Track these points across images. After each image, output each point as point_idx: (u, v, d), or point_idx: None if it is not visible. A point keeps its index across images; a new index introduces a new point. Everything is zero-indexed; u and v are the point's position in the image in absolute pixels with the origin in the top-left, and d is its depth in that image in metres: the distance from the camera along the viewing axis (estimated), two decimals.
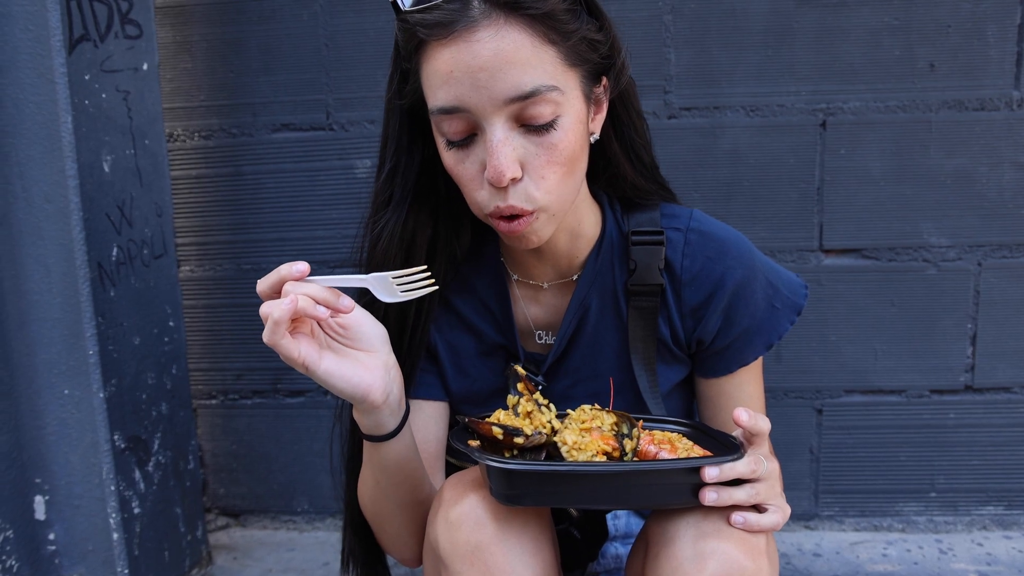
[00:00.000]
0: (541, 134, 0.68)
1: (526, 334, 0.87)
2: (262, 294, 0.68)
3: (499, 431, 0.69)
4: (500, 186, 0.68)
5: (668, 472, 0.66)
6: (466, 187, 0.72)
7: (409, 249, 0.78)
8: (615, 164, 0.82)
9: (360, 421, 0.73)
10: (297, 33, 1.38)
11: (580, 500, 0.69)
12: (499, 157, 0.67)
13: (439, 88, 0.68)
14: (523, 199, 0.70)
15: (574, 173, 0.73)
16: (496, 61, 0.65)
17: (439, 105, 0.68)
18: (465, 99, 0.66)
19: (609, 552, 0.93)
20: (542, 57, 0.66)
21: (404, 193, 0.77)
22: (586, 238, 0.82)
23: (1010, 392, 1.39)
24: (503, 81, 0.65)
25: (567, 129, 0.69)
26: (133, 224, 1.21)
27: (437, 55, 0.67)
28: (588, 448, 0.68)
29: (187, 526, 1.34)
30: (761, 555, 0.67)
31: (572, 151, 0.70)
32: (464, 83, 0.66)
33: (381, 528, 0.83)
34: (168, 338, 1.29)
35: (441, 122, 0.70)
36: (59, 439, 1.14)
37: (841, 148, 1.35)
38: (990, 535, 1.41)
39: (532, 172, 0.69)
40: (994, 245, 1.36)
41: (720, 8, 1.32)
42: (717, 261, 0.80)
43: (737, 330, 0.82)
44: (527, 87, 0.66)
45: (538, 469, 0.65)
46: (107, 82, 1.15)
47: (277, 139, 1.42)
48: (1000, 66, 1.31)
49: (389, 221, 0.77)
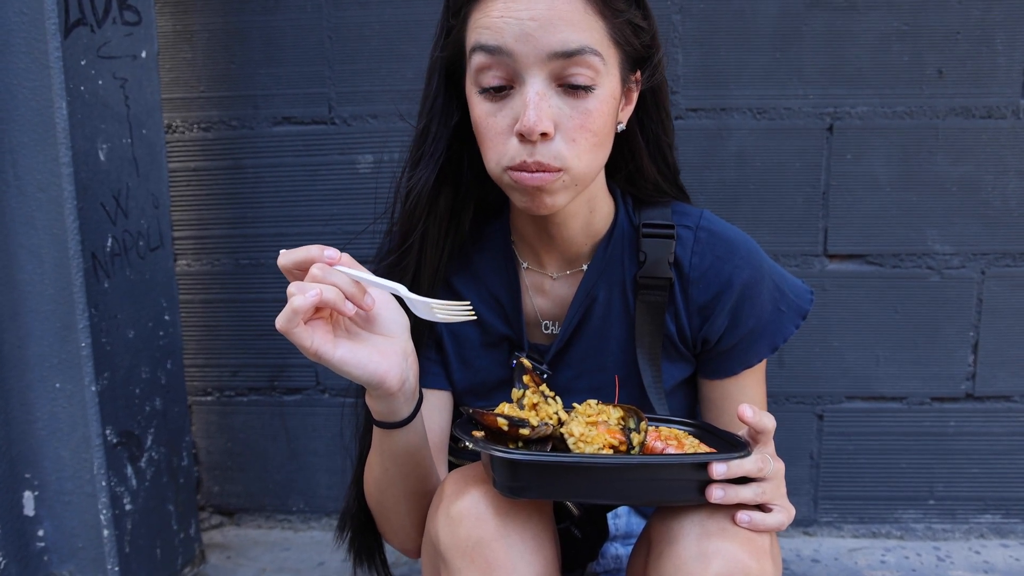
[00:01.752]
0: (578, 96, 0.69)
1: (532, 324, 0.86)
2: (283, 267, 0.67)
3: (504, 422, 0.68)
4: (531, 138, 0.68)
5: (675, 467, 0.65)
6: (492, 140, 0.71)
7: (431, 211, 0.79)
8: (637, 159, 0.82)
9: (373, 407, 0.72)
10: (301, 25, 1.36)
11: (585, 493, 0.68)
12: (535, 109, 0.67)
13: (486, 29, 0.69)
14: (551, 156, 0.69)
15: (601, 147, 0.73)
16: (548, 15, 0.67)
17: (483, 42, 0.69)
18: (511, 44, 0.67)
19: (609, 552, 0.93)
20: (591, 24, 0.68)
21: (436, 152, 0.77)
22: (598, 227, 0.82)
23: (1010, 401, 1.39)
24: (551, 35, 0.67)
25: (602, 100, 0.70)
26: (129, 215, 1.19)
27: (490, 4, 0.69)
28: (595, 441, 0.67)
29: (180, 524, 1.31)
30: (765, 556, 0.66)
31: (603, 123, 0.71)
32: (513, 29, 0.67)
33: (384, 516, 0.82)
34: (163, 332, 1.27)
35: (480, 69, 0.70)
36: (50, 433, 1.12)
37: (847, 153, 1.34)
38: (987, 543, 1.41)
39: (564, 133, 0.70)
40: (998, 254, 1.36)
41: (729, 9, 1.31)
42: (726, 261, 0.80)
43: (743, 331, 0.82)
44: (573, 45, 0.67)
45: (544, 460, 0.64)
46: (104, 68, 1.12)
47: (278, 132, 1.39)
48: (1008, 74, 1.31)
49: (420, 178, 0.77)
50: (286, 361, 1.46)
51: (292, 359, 1.46)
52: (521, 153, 0.69)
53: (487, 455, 0.65)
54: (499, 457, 0.63)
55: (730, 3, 1.31)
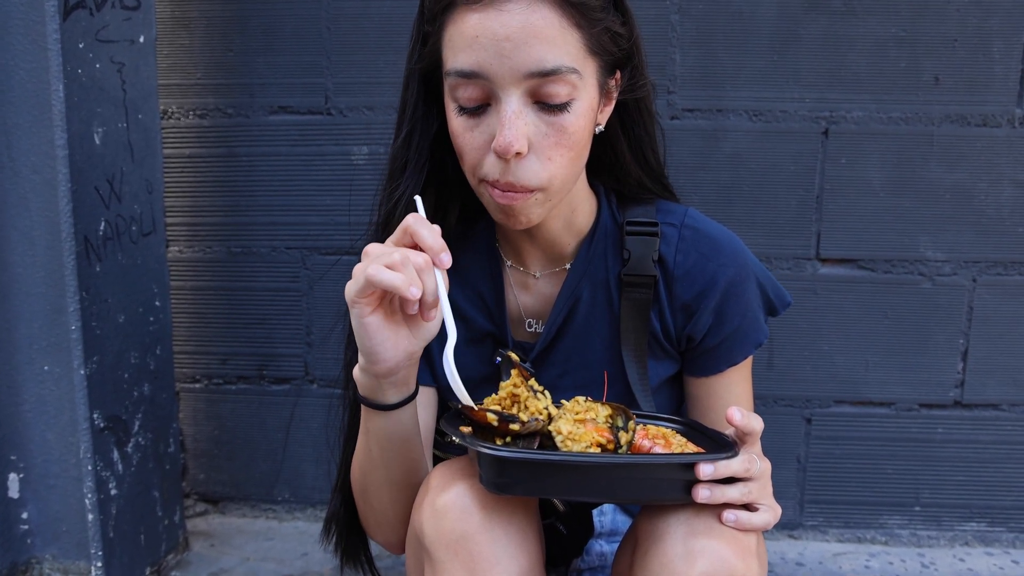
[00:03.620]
0: (554, 114, 0.69)
1: (516, 322, 0.86)
2: (411, 227, 0.67)
3: (493, 417, 0.68)
4: (506, 157, 0.68)
5: (662, 467, 0.65)
6: (469, 155, 0.72)
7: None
8: (620, 160, 0.82)
9: (359, 379, 0.72)
10: (299, 14, 1.36)
11: (572, 491, 0.68)
12: (511, 128, 0.67)
13: (461, 51, 0.68)
14: (526, 177, 0.70)
15: (578, 160, 0.73)
16: (523, 33, 0.65)
17: (458, 67, 0.68)
18: (486, 66, 0.67)
19: (594, 549, 0.93)
20: (567, 39, 0.67)
21: (420, 160, 0.77)
22: (579, 227, 0.82)
23: (998, 409, 1.39)
24: (527, 54, 0.66)
25: (579, 114, 0.70)
26: (122, 199, 1.19)
27: (464, 18, 0.67)
28: (583, 439, 0.67)
29: (165, 510, 1.31)
30: (751, 555, 0.66)
31: (580, 137, 0.71)
32: (488, 50, 0.66)
33: (368, 504, 0.81)
34: (153, 318, 1.27)
35: (456, 87, 0.70)
36: (36, 416, 1.12)
37: (842, 157, 1.35)
38: (972, 551, 1.41)
39: (539, 152, 0.70)
40: (989, 262, 1.36)
41: (727, 10, 1.32)
42: (710, 258, 0.80)
43: (728, 329, 0.82)
44: (549, 64, 0.66)
45: (531, 458, 0.64)
46: (102, 52, 1.13)
47: (274, 121, 1.39)
48: (1004, 83, 1.31)
49: (408, 189, 0.77)
50: (275, 351, 1.46)
51: (282, 349, 1.46)
52: (495, 171, 0.70)
53: (474, 451, 0.65)
54: (486, 453, 0.63)
55: (729, 5, 1.32)
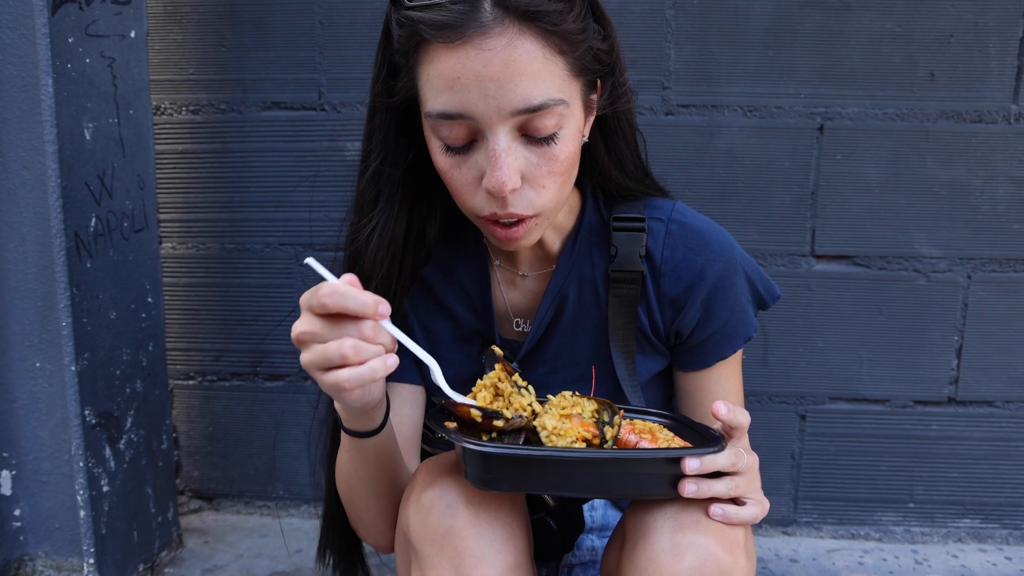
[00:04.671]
0: (543, 146, 0.68)
1: (504, 320, 0.86)
2: (326, 303, 0.59)
3: (477, 413, 0.68)
4: (500, 196, 0.68)
5: (648, 462, 0.65)
6: (460, 192, 0.71)
7: (392, 249, 0.77)
8: (600, 165, 0.82)
9: (344, 415, 0.72)
10: (292, 9, 1.35)
11: (557, 487, 0.68)
12: (502, 168, 0.66)
13: (442, 93, 0.66)
14: (523, 206, 0.69)
15: (570, 180, 0.73)
16: (507, 72, 0.63)
17: (441, 110, 0.66)
18: (471, 107, 0.65)
19: (585, 544, 0.92)
20: (552, 69, 0.65)
21: (392, 191, 0.75)
22: (562, 225, 0.83)
23: (993, 406, 1.39)
24: (512, 92, 0.64)
25: (568, 140, 0.69)
26: (114, 195, 1.18)
27: (442, 58, 0.65)
28: (568, 434, 0.66)
29: (158, 507, 1.31)
30: (739, 549, 0.66)
31: (570, 160, 0.71)
32: (472, 91, 0.64)
33: (356, 515, 0.82)
34: (146, 314, 1.26)
35: (440, 127, 0.68)
36: (28, 413, 1.11)
37: (837, 153, 1.34)
38: (965, 547, 1.41)
39: (533, 182, 0.69)
40: (984, 259, 1.36)
41: (723, 6, 1.31)
42: (698, 253, 0.79)
43: (717, 323, 0.81)
44: (536, 100, 0.65)
45: (516, 453, 0.63)
46: (92, 47, 1.12)
47: (267, 117, 1.39)
48: (1000, 79, 1.31)
49: (379, 224, 0.75)
50: (269, 347, 1.45)
51: (275, 345, 1.45)
52: (491, 206, 0.69)
53: (459, 447, 0.65)
54: (471, 449, 0.63)
55: (724, 0, 1.31)
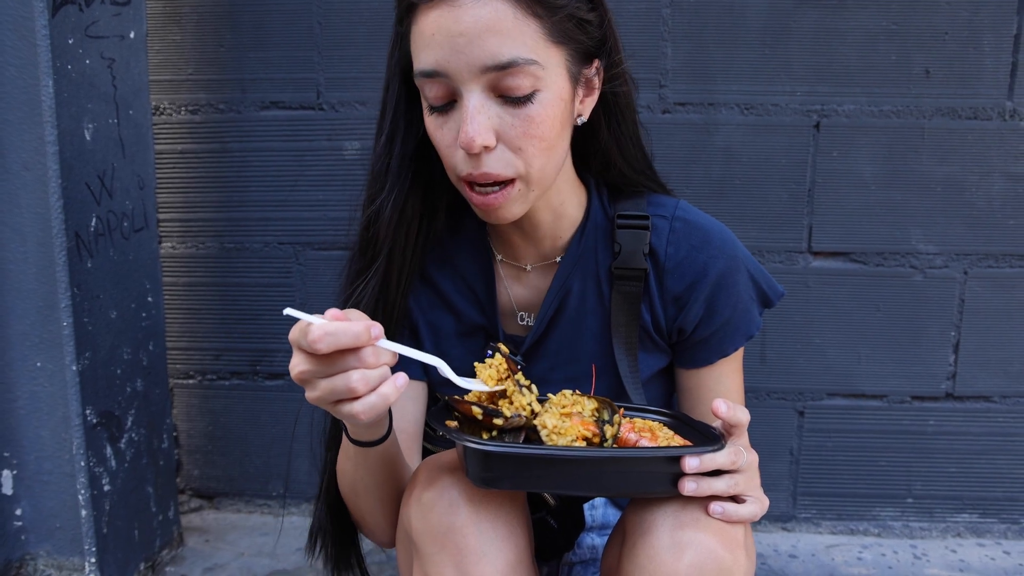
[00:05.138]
0: (518, 106, 0.69)
1: (507, 315, 0.86)
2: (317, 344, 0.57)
3: (478, 411, 0.68)
4: (472, 152, 0.68)
5: (648, 460, 0.65)
6: (443, 152, 0.72)
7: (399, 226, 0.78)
8: (604, 152, 0.82)
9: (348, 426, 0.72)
10: (291, 10, 1.36)
11: (557, 485, 0.68)
12: (472, 124, 0.67)
13: (422, 51, 0.69)
14: (501, 166, 0.70)
15: (553, 150, 0.73)
16: (476, 28, 0.65)
17: (420, 68, 0.69)
18: (444, 64, 0.67)
19: (585, 543, 0.93)
20: (523, 30, 0.67)
21: (402, 162, 0.77)
22: (569, 219, 0.83)
23: (990, 401, 1.40)
24: (481, 49, 0.66)
25: (547, 104, 0.69)
26: (114, 195, 1.19)
27: (423, 18, 0.68)
28: (568, 433, 0.67)
29: (159, 506, 1.31)
30: (738, 547, 0.66)
31: (551, 127, 0.70)
32: (444, 47, 0.66)
33: (360, 516, 0.82)
34: (146, 314, 1.27)
35: (423, 85, 0.70)
36: (29, 412, 1.12)
37: (834, 150, 1.35)
38: (964, 542, 1.42)
39: (508, 143, 0.70)
40: (980, 254, 1.36)
41: (719, 4, 1.32)
42: (701, 250, 0.80)
43: (719, 321, 0.82)
44: (504, 57, 0.66)
45: (516, 452, 0.64)
46: (91, 48, 1.12)
47: (265, 117, 1.39)
48: (995, 76, 1.31)
49: (391, 193, 0.77)
50: (268, 346, 1.46)
51: (275, 344, 1.46)
52: (467, 166, 0.69)
53: (460, 445, 0.65)
54: (472, 448, 0.63)
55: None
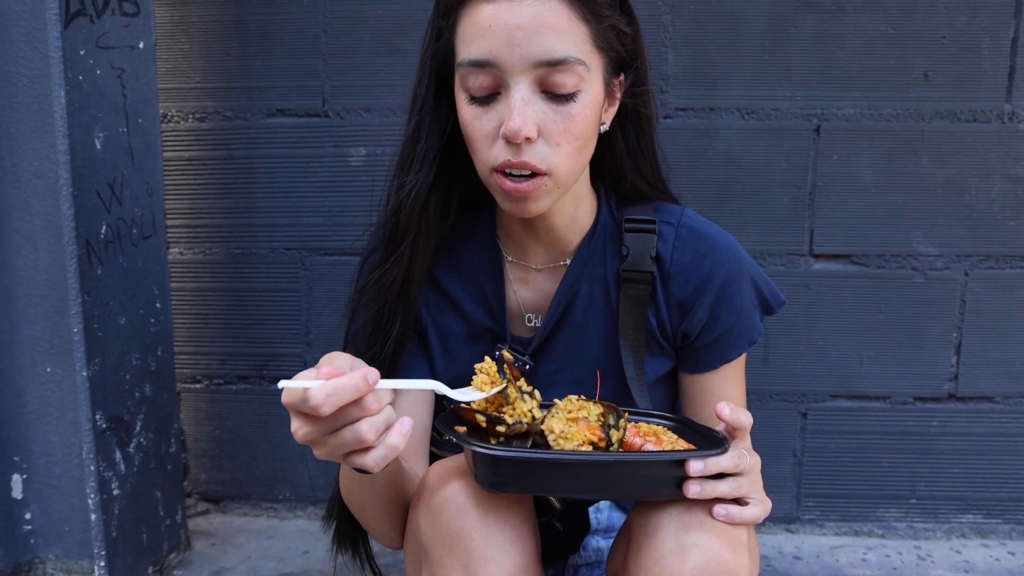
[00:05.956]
0: (562, 103, 0.71)
1: (515, 317, 0.87)
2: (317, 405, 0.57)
3: (482, 418, 0.69)
4: (515, 142, 0.70)
5: (653, 464, 0.66)
6: (478, 143, 0.74)
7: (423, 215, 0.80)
8: (617, 162, 0.84)
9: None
10: (296, 18, 1.38)
11: (564, 489, 0.69)
12: (520, 114, 0.69)
13: (474, 41, 0.71)
14: (536, 159, 0.71)
15: (584, 151, 0.75)
16: (534, 23, 0.68)
17: (471, 57, 0.71)
18: (497, 54, 0.69)
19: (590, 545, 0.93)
20: (575, 31, 0.70)
21: (429, 153, 0.79)
22: (581, 223, 0.84)
23: (992, 402, 1.40)
24: (537, 44, 0.69)
25: (586, 105, 0.72)
26: (123, 203, 1.20)
27: (478, 10, 0.70)
28: (575, 437, 0.68)
29: (167, 510, 1.32)
30: (742, 549, 0.67)
31: (587, 127, 0.73)
32: (500, 39, 0.69)
33: (367, 525, 0.83)
34: (154, 319, 1.28)
35: (467, 75, 0.72)
36: (39, 417, 1.13)
37: (834, 154, 1.36)
38: (968, 543, 1.42)
39: (548, 138, 0.72)
40: (981, 256, 1.37)
41: (719, 10, 1.33)
42: (706, 256, 0.82)
43: (722, 326, 0.83)
44: (558, 54, 0.69)
45: (524, 456, 0.65)
46: (102, 58, 1.14)
47: (272, 124, 1.41)
48: (993, 79, 1.32)
49: (415, 184, 0.78)
50: (275, 350, 1.47)
51: (281, 349, 1.47)
52: (506, 153, 0.71)
53: (469, 450, 0.66)
54: (480, 453, 0.64)
55: (720, 4, 1.33)
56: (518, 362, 0.84)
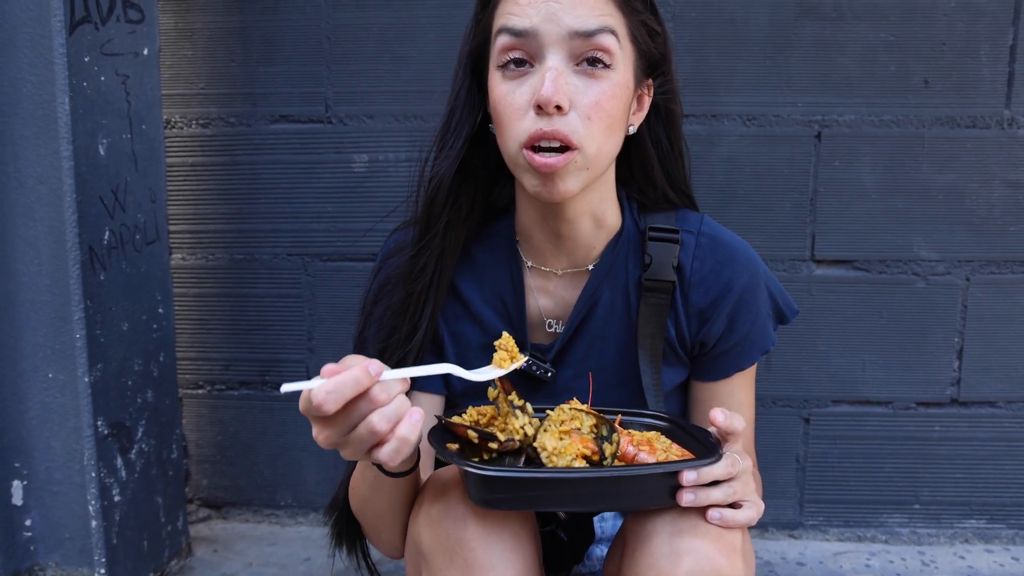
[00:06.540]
0: (594, 76, 0.73)
1: (535, 324, 0.87)
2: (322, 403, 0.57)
3: (474, 435, 0.69)
4: (548, 110, 0.71)
5: (646, 478, 0.66)
6: (510, 118, 0.74)
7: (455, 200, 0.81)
8: (647, 168, 0.85)
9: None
10: (300, 25, 1.38)
11: (558, 504, 0.70)
12: (552, 82, 0.71)
13: (514, 15, 0.73)
14: (568, 129, 0.72)
15: (613, 132, 0.76)
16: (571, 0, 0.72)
17: (508, 24, 0.73)
18: (536, 24, 0.72)
19: (595, 554, 0.93)
20: (611, 13, 0.74)
21: (459, 139, 0.80)
22: (607, 229, 0.84)
23: (995, 407, 1.40)
24: (573, 15, 0.72)
25: (616, 84, 0.74)
26: (126, 209, 1.21)
27: None
28: (567, 452, 0.67)
29: (168, 516, 1.32)
30: (736, 553, 0.67)
31: (617, 107, 0.74)
32: (540, 12, 0.72)
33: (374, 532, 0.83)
34: (157, 325, 1.28)
35: (504, 46, 0.74)
36: (41, 423, 1.13)
37: (835, 160, 1.37)
38: (972, 548, 1.42)
39: (579, 110, 0.73)
40: (982, 261, 1.38)
41: (720, 17, 1.34)
42: (725, 265, 0.82)
43: (738, 335, 0.84)
44: (592, 25, 0.72)
45: (516, 476, 0.64)
46: (106, 65, 1.15)
47: (275, 130, 1.41)
48: (992, 85, 1.33)
49: (444, 164, 0.80)
50: (277, 356, 1.47)
51: (283, 354, 1.47)
52: (537, 123, 0.72)
53: (461, 469, 0.66)
54: (473, 472, 0.64)
55: (722, 12, 1.34)
56: (539, 370, 0.84)
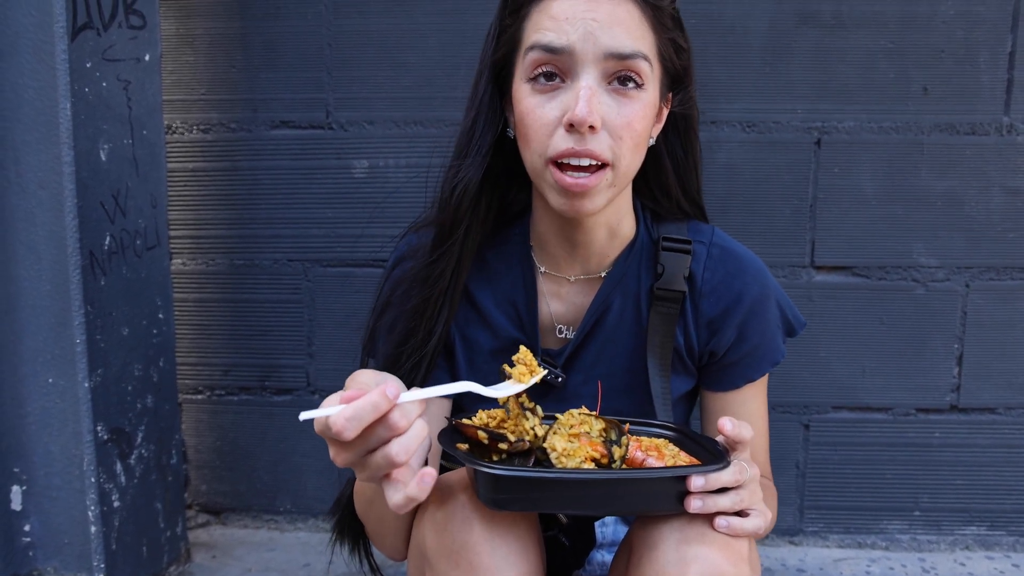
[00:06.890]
0: (626, 96, 0.73)
1: (546, 330, 0.88)
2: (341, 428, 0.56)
3: (484, 436, 0.69)
4: (581, 129, 0.71)
5: (655, 481, 0.66)
6: (537, 132, 0.74)
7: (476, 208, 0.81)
8: (663, 178, 0.85)
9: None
10: (301, 31, 1.39)
11: (567, 506, 0.70)
12: (587, 101, 0.71)
13: (549, 29, 0.73)
14: (600, 147, 0.72)
15: (639, 151, 0.77)
16: (610, 18, 0.72)
17: (544, 41, 0.73)
18: (573, 42, 0.72)
19: (596, 559, 0.93)
20: (644, 34, 0.74)
21: (483, 148, 0.80)
22: (621, 238, 0.85)
23: (995, 413, 1.40)
24: (610, 36, 0.72)
25: (645, 104, 0.74)
26: (127, 214, 1.21)
27: (554, 3, 0.73)
28: (576, 454, 0.68)
29: (167, 522, 1.32)
30: (743, 561, 0.67)
31: (644, 127, 0.75)
32: (577, 29, 0.72)
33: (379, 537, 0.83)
34: (157, 330, 1.28)
35: (535, 61, 0.73)
36: (40, 428, 1.13)
37: (835, 167, 1.37)
38: (972, 555, 1.41)
39: (610, 130, 0.73)
40: (982, 267, 1.38)
41: (720, 25, 1.35)
42: (736, 277, 0.83)
43: (748, 346, 0.84)
44: (628, 48, 0.73)
45: (526, 475, 0.65)
46: (108, 71, 1.15)
47: (275, 136, 1.42)
48: (991, 92, 1.34)
49: (468, 172, 0.80)
50: (277, 362, 1.47)
51: (283, 360, 1.47)
52: (567, 141, 0.72)
53: (471, 468, 0.66)
54: (482, 471, 0.64)
55: (721, 19, 1.34)
56: (550, 375, 0.84)
